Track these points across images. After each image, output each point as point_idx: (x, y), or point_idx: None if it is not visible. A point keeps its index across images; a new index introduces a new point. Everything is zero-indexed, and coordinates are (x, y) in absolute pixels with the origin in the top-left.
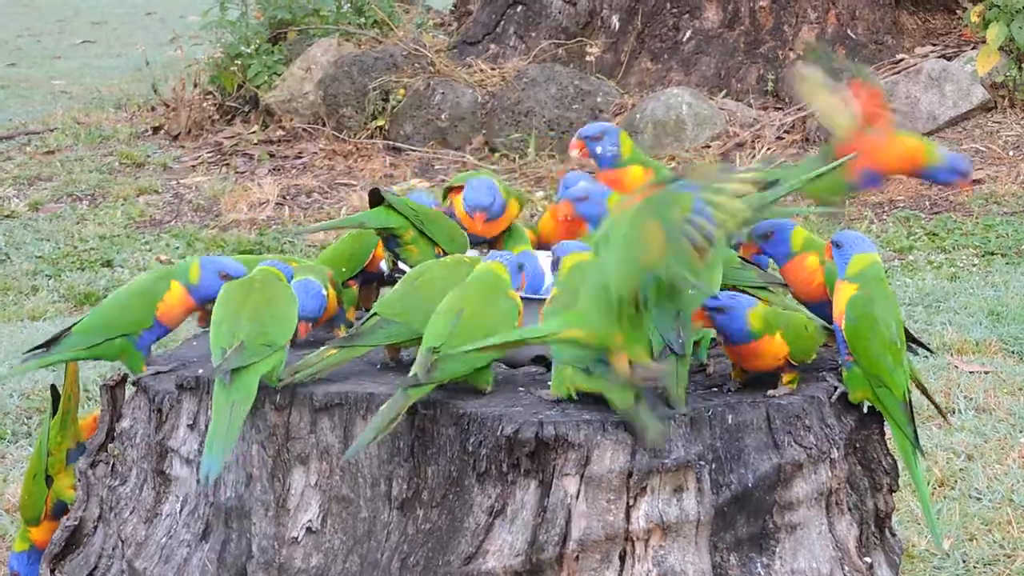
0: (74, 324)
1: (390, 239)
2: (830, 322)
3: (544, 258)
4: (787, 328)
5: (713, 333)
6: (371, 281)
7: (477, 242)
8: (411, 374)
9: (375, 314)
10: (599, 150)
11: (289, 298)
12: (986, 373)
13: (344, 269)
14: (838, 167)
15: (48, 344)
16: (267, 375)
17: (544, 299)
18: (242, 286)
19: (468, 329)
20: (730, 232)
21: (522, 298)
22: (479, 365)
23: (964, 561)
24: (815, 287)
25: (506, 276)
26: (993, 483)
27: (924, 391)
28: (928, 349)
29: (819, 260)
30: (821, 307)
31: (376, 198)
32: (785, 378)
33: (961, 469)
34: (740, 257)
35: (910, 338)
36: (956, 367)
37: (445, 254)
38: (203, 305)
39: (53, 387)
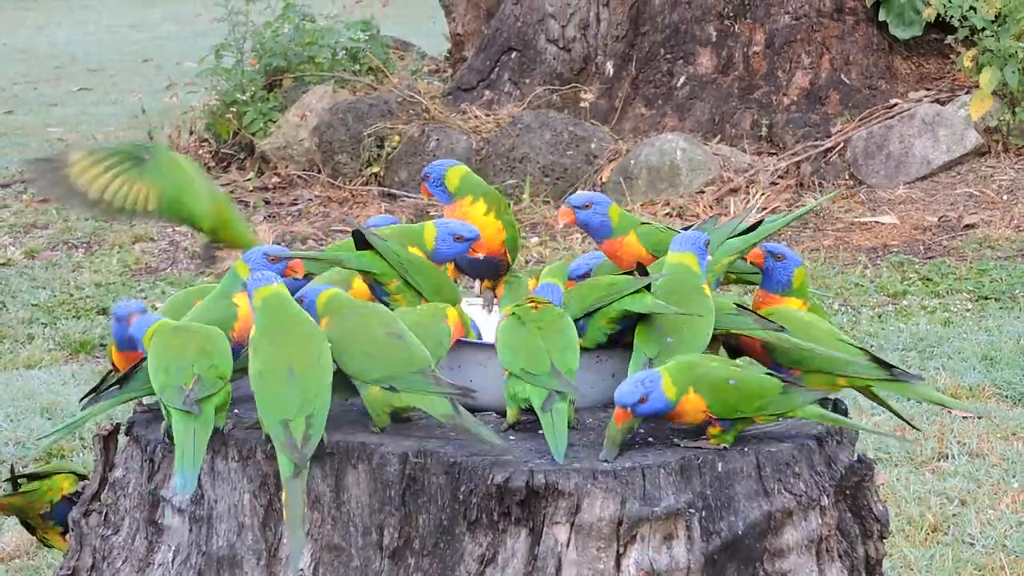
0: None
1: (375, 286)
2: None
3: None
4: (700, 383)
5: None
6: None
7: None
8: None
9: None
10: (588, 218)
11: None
12: (979, 418)
13: None
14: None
15: (120, 381)
16: (217, 416)
17: None
18: (174, 332)
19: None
20: None
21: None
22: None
23: None
24: None
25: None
26: (986, 529)
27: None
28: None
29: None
30: None
31: (360, 240)
32: (710, 431)
33: (954, 515)
34: (737, 304)
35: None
36: (949, 412)
37: None
38: None
39: (12, 468)
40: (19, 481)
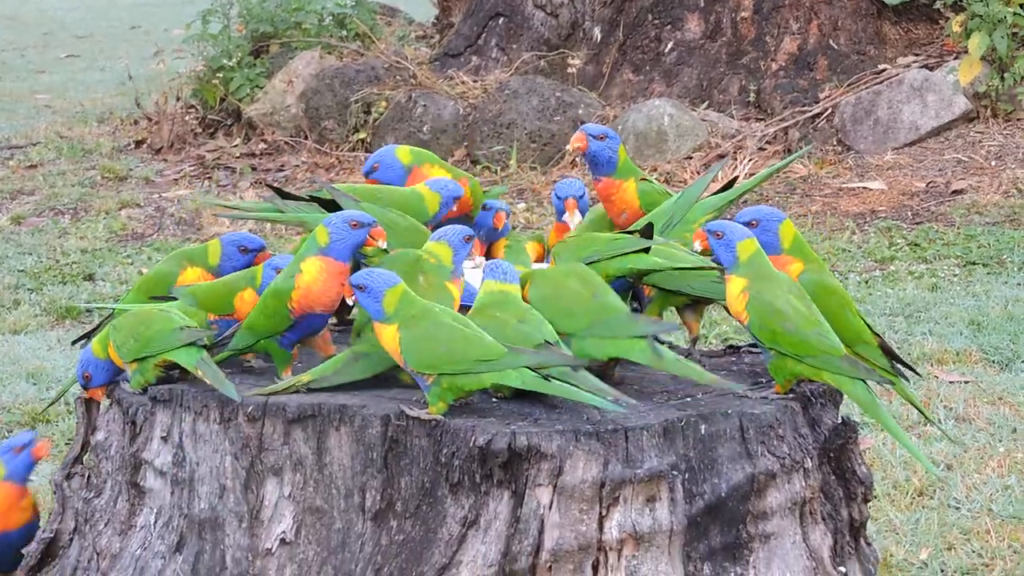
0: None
1: None
2: None
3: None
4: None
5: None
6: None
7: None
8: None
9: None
10: (599, 150)
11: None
12: (966, 383)
13: None
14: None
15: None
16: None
17: None
18: None
19: None
20: None
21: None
22: None
23: (942, 571)
24: None
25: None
26: (972, 492)
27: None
28: (913, 371)
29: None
30: None
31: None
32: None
33: (940, 479)
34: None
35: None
36: (936, 377)
37: None
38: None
39: None
40: None
